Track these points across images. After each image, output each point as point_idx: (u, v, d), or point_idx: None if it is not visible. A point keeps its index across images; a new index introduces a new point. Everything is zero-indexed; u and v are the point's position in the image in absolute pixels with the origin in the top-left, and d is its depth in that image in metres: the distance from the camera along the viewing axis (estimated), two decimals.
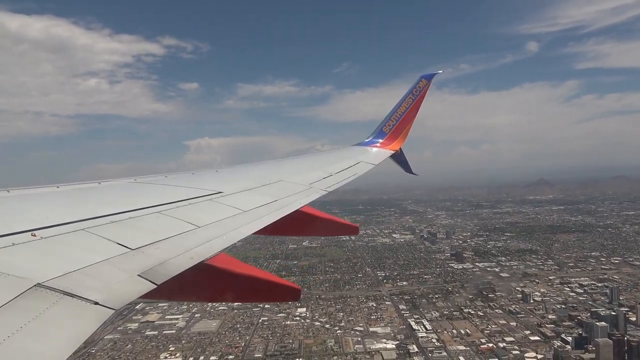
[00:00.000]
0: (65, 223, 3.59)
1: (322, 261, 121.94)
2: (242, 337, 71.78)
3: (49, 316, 2.26)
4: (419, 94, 13.82)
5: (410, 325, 71.32)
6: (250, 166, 9.65)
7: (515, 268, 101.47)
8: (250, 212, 5.16)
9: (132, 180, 6.10)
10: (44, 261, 2.91)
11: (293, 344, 67.39)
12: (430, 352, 61.20)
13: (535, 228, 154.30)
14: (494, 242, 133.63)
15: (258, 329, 74.74)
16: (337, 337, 69.16)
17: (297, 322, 77.01)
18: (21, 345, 2.02)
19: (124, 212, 4.20)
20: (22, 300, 2.31)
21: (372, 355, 61.70)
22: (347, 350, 64.08)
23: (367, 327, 72.12)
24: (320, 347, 65.51)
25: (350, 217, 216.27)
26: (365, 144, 14.09)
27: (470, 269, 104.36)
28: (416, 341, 65.09)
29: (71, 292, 2.51)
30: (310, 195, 6.80)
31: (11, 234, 3.12)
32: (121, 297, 2.68)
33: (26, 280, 2.49)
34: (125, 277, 2.94)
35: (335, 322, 75.84)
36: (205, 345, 69.53)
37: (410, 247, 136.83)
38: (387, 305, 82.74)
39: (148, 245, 3.54)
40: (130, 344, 71.50)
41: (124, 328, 79.09)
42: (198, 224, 4.30)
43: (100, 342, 72.85)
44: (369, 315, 77.74)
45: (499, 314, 74.40)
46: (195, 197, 5.31)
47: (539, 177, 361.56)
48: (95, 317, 2.42)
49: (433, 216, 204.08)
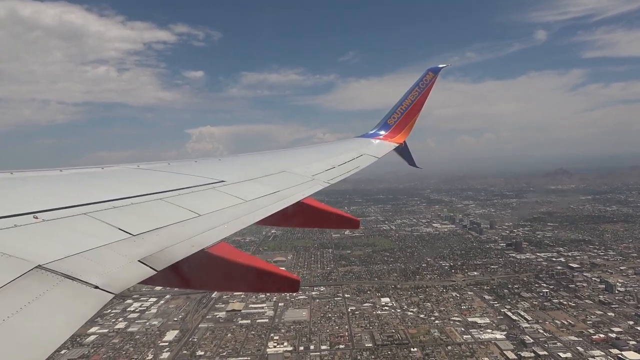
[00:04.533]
0: (68, 207, 3.63)
1: (376, 251, 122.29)
2: (340, 327, 72.32)
3: (49, 298, 2.30)
4: (425, 87, 13.76)
5: (508, 316, 72.17)
6: (253, 156, 9.66)
7: (579, 258, 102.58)
8: (252, 202, 5.20)
9: (135, 167, 6.13)
10: (45, 244, 2.93)
11: (397, 334, 68.01)
12: (545, 343, 62.16)
13: (575, 218, 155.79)
14: (542, 233, 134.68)
15: (352, 319, 75.34)
16: (438, 327, 69.87)
17: (389, 312, 77.60)
18: (20, 325, 2.05)
19: (126, 197, 4.24)
20: (23, 281, 2.34)
21: (487, 345, 62.55)
22: (456, 340, 64.80)
23: (464, 317, 72.86)
24: (427, 337, 66.18)
25: (377, 206, 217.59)
26: (370, 136, 14.06)
27: (534, 259, 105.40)
28: (523, 331, 65.96)
29: (71, 275, 2.55)
30: (312, 187, 6.83)
31: (13, 215, 3.15)
32: (121, 282, 2.72)
33: (27, 262, 2.52)
34: (126, 263, 2.98)
35: (427, 312, 76.51)
36: (306, 334, 70.06)
37: (458, 237, 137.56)
38: (470, 295, 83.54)
39: (149, 231, 3.58)
40: (229, 333, 71.81)
41: (213, 317, 79.38)
42: (200, 212, 4.34)
43: (197, 332, 73.32)
44: (458, 306, 78.50)
45: (591, 305, 75.43)
46: (198, 185, 5.34)
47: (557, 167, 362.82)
48: (95, 301, 2.46)
49: (462, 206, 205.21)
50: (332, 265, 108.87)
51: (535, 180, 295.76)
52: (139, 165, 6.22)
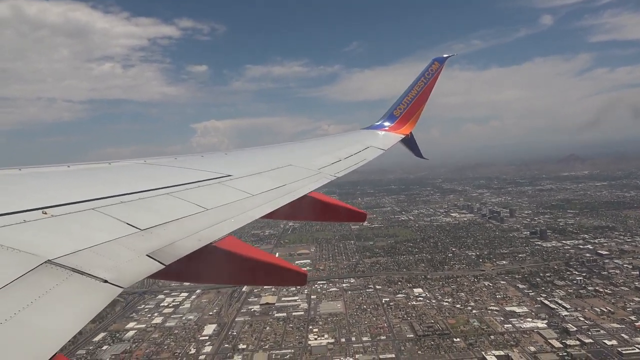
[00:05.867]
0: (76, 202, 3.65)
1: (398, 241, 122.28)
2: (377, 318, 72.64)
3: (58, 292, 2.32)
4: (431, 77, 13.60)
5: (545, 304, 72.20)
6: (259, 150, 9.67)
7: (607, 245, 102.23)
8: (258, 196, 5.22)
9: (142, 162, 6.15)
10: (54, 239, 2.96)
11: (437, 324, 68.26)
12: (587, 330, 62.23)
13: (594, 205, 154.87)
14: (563, 220, 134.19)
15: (388, 310, 75.66)
16: (477, 316, 70.03)
17: (424, 302, 77.82)
18: (30, 320, 2.07)
19: (133, 192, 4.27)
20: (32, 276, 2.36)
21: (529, 334, 62.68)
22: (497, 329, 64.97)
23: (501, 306, 72.97)
24: (467, 327, 66.38)
25: (391, 197, 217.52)
26: (375, 128, 13.93)
27: (561, 247, 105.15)
28: (564, 320, 66.03)
29: (81, 270, 2.57)
30: (319, 181, 6.81)
31: (22, 211, 3.18)
32: (130, 276, 2.75)
33: (36, 256, 2.54)
34: (134, 257, 3.01)
35: (463, 302, 76.64)
36: (344, 326, 70.44)
37: (479, 226, 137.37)
38: (503, 284, 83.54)
39: (157, 226, 3.60)
40: (267, 326, 72.33)
41: (247, 310, 79.93)
42: (207, 207, 4.36)
43: (235, 325, 73.89)
44: (493, 295, 78.58)
45: (627, 292, 75.23)
46: (204, 179, 5.38)
47: (564, 153, 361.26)
48: (104, 295, 2.47)
49: (477, 194, 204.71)
50: (357, 257, 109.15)
51: (547, 167, 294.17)
52: (145, 160, 6.27)
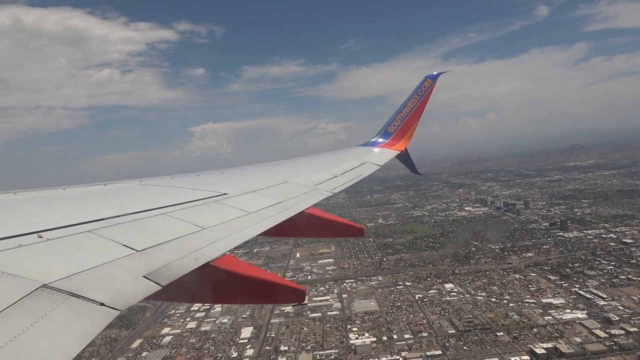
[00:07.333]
0: (71, 225, 3.66)
1: (418, 237, 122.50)
2: (414, 315, 72.73)
3: (55, 317, 2.31)
4: (424, 94, 13.91)
5: (581, 295, 72.47)
6: (256, 167, 9.77)
7: (629, 233, 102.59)
8: (255, 214, 5.25)
9: (137, 183, 6.22)
10: (50, 262, 2.96)
11: (476, 319, 68.40)
12: (629, 319, 62.52)
13: (607, 194, 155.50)
14: (579, 210, 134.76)
15: (423, 306, 75.77)
16: (515, 310, 70.21)
17: (458, 297, 77.95)
18: (27, 345, 2.06)
19: (129, 213, 4.29)
20: (29, 300, 2.36)
21: (572, 325, 62.93)
22: (538, 322, 65.15)
23: (537, 298, 73.17)
24: (508, 321, 66.57)
25: (400, 193, 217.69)
26: (371, 145, 14.32)
27: (583, 237, 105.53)
28: (603, 309, 66.29)
29: (77, 293, 2.57)
30: (315, 197, 6.86)
31: (18, 235, 3.19)
32: (127, 298, 2.75)
33: (32, 281, 2.54)
34: (131, 278, 3.02)
35: (497, 295, 76.83)
36: (383, 323, 70.45)
37: (495, 219, 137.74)
38: (534, 276, 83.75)
39: (153, 246, 3.61)
40: (304, 327, 72.30)
41: (281, 312, 79.83)
42: (203, 226, 4.40)
43: (272, 327, 73.84)
44: (526, 287, 78.79)
45: None
46: (201, 198, 5.41)
47: (565, 143, 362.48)
48: (101, 318, 2.48)
49: (486, 188, 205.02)
50: (379, 255, 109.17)
51: (551, 157, 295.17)
52: (141, 180, 6.33)
